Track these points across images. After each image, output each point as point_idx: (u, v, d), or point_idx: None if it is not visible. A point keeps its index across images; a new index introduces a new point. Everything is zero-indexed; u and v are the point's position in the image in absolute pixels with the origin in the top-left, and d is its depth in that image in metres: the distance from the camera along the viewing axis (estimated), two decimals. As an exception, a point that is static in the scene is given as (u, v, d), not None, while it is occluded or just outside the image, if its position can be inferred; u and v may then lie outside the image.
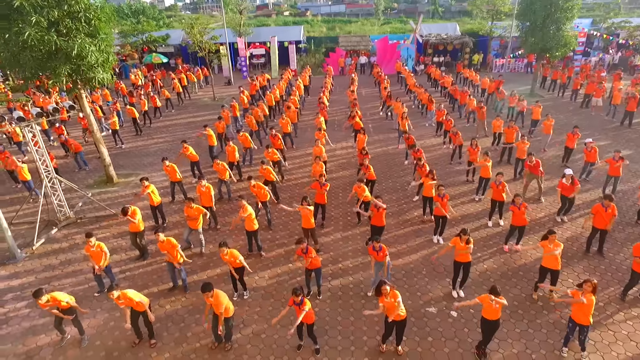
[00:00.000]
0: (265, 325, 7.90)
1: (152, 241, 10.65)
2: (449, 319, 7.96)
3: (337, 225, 11.32)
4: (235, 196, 13.00)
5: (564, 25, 21.23)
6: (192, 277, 9.30)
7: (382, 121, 20.26)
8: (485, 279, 9.03)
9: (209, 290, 6.65)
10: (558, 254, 7.71)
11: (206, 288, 6.65)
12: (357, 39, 35.22)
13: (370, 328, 7.79)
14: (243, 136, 14.08)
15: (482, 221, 11.21)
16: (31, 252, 10.38)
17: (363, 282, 9.04)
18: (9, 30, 10.44)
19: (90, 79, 11.98)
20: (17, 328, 7.98)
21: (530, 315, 7.96)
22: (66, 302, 7.14)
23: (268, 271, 9.48)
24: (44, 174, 11.10)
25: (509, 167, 14.22)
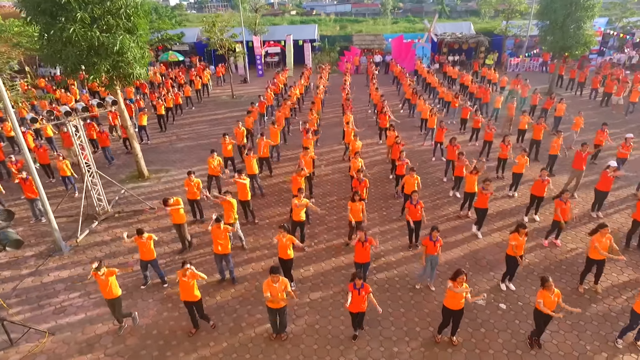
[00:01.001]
0: (317, 317, 8.03)
1: (194, 235, 10.82)
2: (498, 311, 8.07)
3: (374, 220, 11.43)
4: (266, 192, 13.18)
5: (584, 24, 21.27)
6: (238, 270, 9.42)
7: (404, 119, 20.34)
8: (529, 272, 9.13)
9: (278, 272, 6.76)
10: (609, 245, 7.81)
11: (276, 270, 6.77)
12: (371, 38, 35.33)
13: (422, 319, 7.91)
14: (276, 130, 14.21)
15: (519, 217, 11.29)
16: (75, 244, 10.54)
17: (408, 274, 9.16)
18: (54, 26, 10.59)
19: (129, 74, 12.13)
20: (74, 317, 8.13)
21: (578, 306, 8.03)
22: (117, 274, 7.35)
23: (312, 265, 9.60)
24: (85, 167, 11.25)
25: (538, 165, 14.29)
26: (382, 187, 13.37)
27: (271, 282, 6.77)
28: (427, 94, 24.35)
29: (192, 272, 7.08)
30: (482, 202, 9.83)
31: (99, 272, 7.08)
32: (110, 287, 7.27)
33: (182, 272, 7.03)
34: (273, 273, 6.70)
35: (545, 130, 14.24)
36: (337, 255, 9.96)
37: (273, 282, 6.76)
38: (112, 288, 7.30)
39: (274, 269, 6.76)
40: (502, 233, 10.64)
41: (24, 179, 11.02)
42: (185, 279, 7.04)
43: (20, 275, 9.43)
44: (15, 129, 9.09)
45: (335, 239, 10.61)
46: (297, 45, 32.92)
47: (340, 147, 16.79)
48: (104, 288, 7.26)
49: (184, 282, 7.08)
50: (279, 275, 6.78)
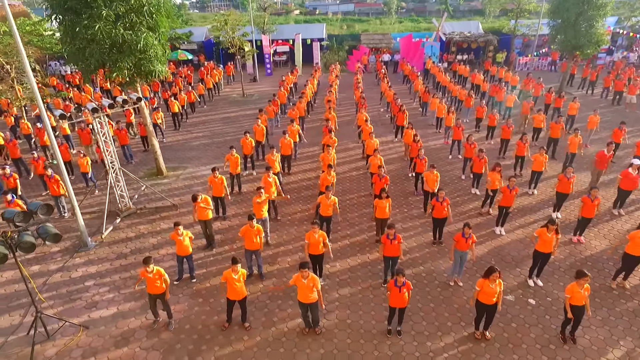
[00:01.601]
0: (347, 311, 8.08)
1: (217, 232, 10.88)
2: (528, 306, 8.12)
3: (395, 216, 11.47)
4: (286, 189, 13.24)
5: (596, 22, 21.27)
6: (265, 266, 9.47)
7: (416, 117, 20.39)
8: (554, 268, 9.17)
9: (307, 267, 6.82)
10: None
11: (305, 265, 6.83)
12: (379, 37, 35.37)
13: (452, 314, 7.96)
14: (296, 129, 14.27)
15: (540, 214, 11.34)
16: (101, 240, 10.61)
17: (435, 270, 9.21)
18: (79, 24, 10.66)
19: (150, 71, 12.20)
20: (106, 312, 8.19)
21: (608, 303, 8.10)
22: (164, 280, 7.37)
23: (339, 261, 9.65)
24: (109, 164, 11.32)
25: (555, 163, 14.35)
26: (401, 184, 13.42)
27: (300, 277, 6.83)
28: (439, 93, 24.39)
29: (243, 272, 7.15)
30: (507, 200, 9.86)
31: (147, 270, 7.12)
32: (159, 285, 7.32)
33: (231, 270, 7.07)
34: (302, 268, 6.77)
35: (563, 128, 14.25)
36: (362, 251, 10.02)
37: (302, 277, 6.81)
38: (160, 284, 7.34)
39: (303, 264, 6.82)
40: (524, 230, 10.69)
41: (49, 176, 11.08)
42: (235, 276, 7.09)
43: (48, 270, 9.50)
44: (48, 131, 9.19)
45: (358, 235, 10.67)
46: (305, 44, 32.98)
47: (354, 145, 16.86)
48: (152, 284, 7.30)
49: (234, 280, 7.12)
50: (309, 271, 6.83)
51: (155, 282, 7.27)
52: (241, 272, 7.16)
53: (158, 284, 7.31)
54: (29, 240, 6.54)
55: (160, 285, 7.33)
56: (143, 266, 7.17)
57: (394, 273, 8.59)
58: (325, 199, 9.47)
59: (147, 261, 7.09)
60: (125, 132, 15.15)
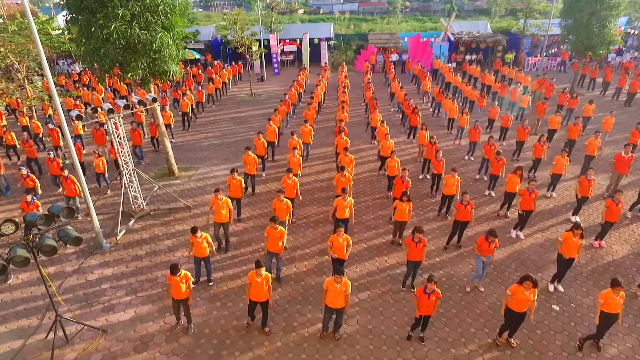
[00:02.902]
0: (369, 317, 7.97)
1: (232, 234, 10.78)
2: (552, 312, 7.98)
3: (411, 220, 11.29)
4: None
5: (609, 23, 21.04)
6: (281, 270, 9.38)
7: (427, 118, 20.21)
8: (577, 273, 9.03)
9: (342, 273, 6.73)
10: None
11: (340, 271, 6.74)
12: (387, 37, 35.17)
13: (475, 320, 7.84)
14: (309, 130, 14.15)
15: (559, 218, 11.19)
16: (115, 241, 10.53)
17: (455, 275, 9.08)
18: (95, 23, 10.57)
19: (165, 71, 12.11)
20: (124, 315, 8.11)
21: (634, 310, 7.97)
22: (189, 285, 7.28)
23: (356, 264, 9.54)
24: (123, 165, 11.24)
25: (569, 165, 14.16)
26: (415, 186, 13.25)
27: (333, 281, 6.73)
28: (449, 93, 24.20)
29: (267, 275, 7.05)
30: (527, 203, 9.72)
31: (174, 276, 7.03)
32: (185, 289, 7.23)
33: (255, 273, 6.98)
34: (338, 274, 6.69)
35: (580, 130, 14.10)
36: (380, 254, 9.90)
37: (335, 282, 6.72)
38: (185, 289, 7.25)
39: (338, 270, 6.77)
40: (543, 233, 10.55)
41: (65, 177, 11.01)
42: (259, 279, 6.99)
43: (64, 272, 9.43)
44: (64, 132, 9.12)
45: (375, 238, 10.56)
46: (312, 44, 32.83)
47: (366, 146, 16.73)
48: (176, 289, 7.20)
49: (257, 283, 7.03)
50: (342, 277, 6.73)
51: (181, 286, 7.17)
52: (265, 275, 7.05)
53: (184, 288, 7.21)
54: (51, 244, 6.47)
55: (185, 290, 7.23)
56: (169, 274, 7.05)
57: (415, 278, 8.58)
58: (342, 200, 9.34)
59: (174, 271, 6.95)
60: (140, 132, 15.06)
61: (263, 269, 6.98)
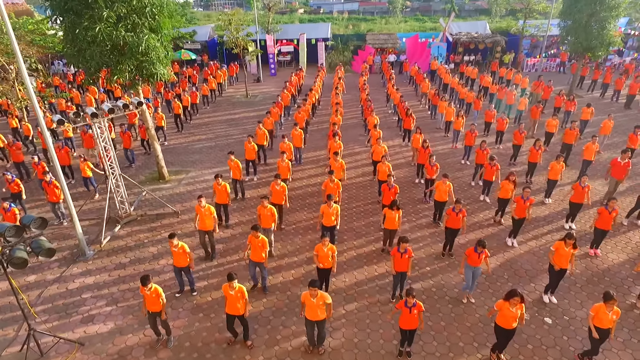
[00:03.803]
0: (355, 330, 7.72)
1: (218, 241, 10.55)
2: (544, 326, 7.73)
3: (403, 226, 11.06)
4: (291, 195, 12.89)
5: (608, 24, 20.76)
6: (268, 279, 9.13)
7: (424, 120, 19.97)
8: (570, 284, 8.77)
9: (316, 286, 6.46)
10: None
11: (314, 283, 6.48)
12: (385, 37, 34.89)
13: (464, 333, 7.59)
14: (299, 133, 13.88)
15: (554, 225, 10.92)
16: (99, 248, 10.30)
17: (445, 285, 8.83)
18: (80, 25, 10.34)
19: (152, 74, 11.87)
20: (103, 327, 7.88)
21: (629, 324, 7.70)
22: (162, 300, 7.03)
23: (345, 274, 9.29)
24: (109, 170, 11.01)
25: (567, 170, 13.90)
26: (409, 191, 13.02)
27: (309, 295, 6.48)
28: (447, 95, 23.93)
29: (240, 287, 6.80)
30: (520, 211, 9.45)
31: (145, 288, 6.79)
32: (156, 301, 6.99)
33: (228, 286, 6.74)
34: (312, 286, 6.41)
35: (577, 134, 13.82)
36: (369, 263, 9.65)
37: (311, 295, 6.47)
38: (158, 301, 7.01)
39: (312, 282, 6.48)
40: (538, 241, 10.28)
41: (47, 182, 10.77)
42: (232, 292, 6.75)
43: (45, 281, 9.20)
44: (44, 130, 8.87)
45: (365, 246, 10.30)
46: (309, 44, 32.57)
47: (361, 150, 16.48)
48: (149, 302, 6.97)
49: (231, 296, 6.78)
50: (317, 289, 6.47)
51: (153, 300, 6.93)
52: (238, 287, 6.79)
53: (155, 301, 6.97)
54: (21, 256, 6.23)
55: (157, 303, 6.99)
56: (140, 285, 6.82)
57: (402, 288, 8.33)
58: (328, 207, 9.08)
59: (144, 280, 6.73)
60: (129, 135, 14.82)
61: (235, 282, 6.72)
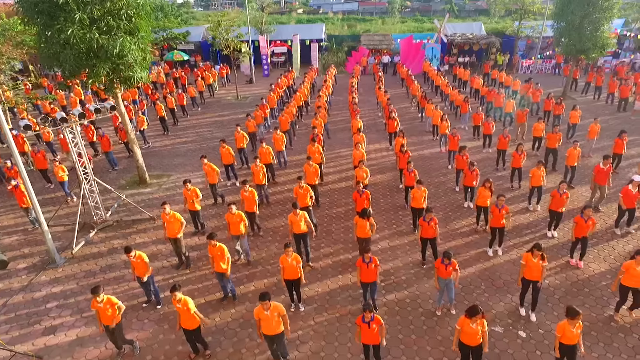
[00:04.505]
0: (322, 343, 7.50)
1: (194, 247, 10.36)
2: (517, 339, 7.48)
3: (383, 234, 10.86)
4: (272, 200, 12.68)
5: (602, 25, 20.50)
6: (239, 288, 8.93)
7: (413, 122, 19.75)
8: (549, 295, 8.53)
9: (267, 298, 6.22)
10: None
11: (265, 296, 6.23)
12: (380, 38, 34.66)
13: (435, 348, 7.35)
14: (280, 136, 13.65)
15: (538, 233, 10.67)
16: (70, 256, 10.10)
17: (420, 296, 8.59)
18: (51, 27, 10.14)
19: (129, 77, 11.67)
20: (64, 338, 7.68)
21: (605, 337, 7.45)
22: (118, 308, 6.82)
23: (317, 283, 9.07)
24: (82, 175, 10.80)
25: (554, 174, 13.68)
26: (392, 197, 12.79)
27: (262, 309, 6.26)
28: (438, 96, 23.72)
29: (185, 299, 6.57)
30: (497, 220, 9.20)
31: (97, 300, 6.58)
32: (111, 314, 6.77)
33: (173, 300, 6.52)
34: (262, 300, 6.19)
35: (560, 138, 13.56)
36: (344, 272, 9.43)
37: (264, 309, 6.24)
38: (112, 315, 6.80)
39: (263, 295, 6.24)
40: (519, 250, 10.02)
41: (14, 186, 10.56)
42: (179, 305, 6.53)
43: (11, 289, 9.00)
44: (6, 133, 8.65)
45: (342, 254, 10.08)
46: (303, 45, 32.36)
47: (347, 153, 16.24)
48: (103, 315, 6.75)
49: (179, 309, 6.57)
50: (269, 302, 6.25)
51: (107, 311, 6.72)
52: (184, 300, 6.56)
53: (109, 312, 6.76)
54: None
55: (112, 314, 6.78)
56: (92, 296, 6.61)
57: (374, 300, 8.10)
58: (294, 216, 8.85)
59: (95, 291, 6.52)
60: (108, 138, 14.62)
61: (178, 293, 6.48)
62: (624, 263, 7.37)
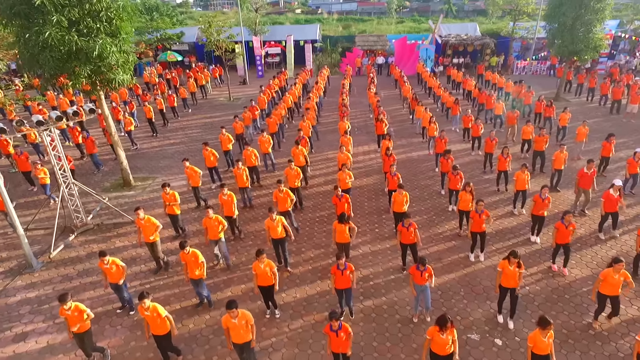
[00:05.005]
0: (295, 350, 7.40)
1: (174, 251, 10.26)
2: (493, 348, 7.38)
3: (365, 238, 10.75)
4: (255, 203, 12.58)
5: (594, 27, 20.39)
6: (216, 294, 8.82)
7: (404, 124, 19.65)
8: (528, 302, 8.42)
9: (234, 307, 6.10)
10: (622, 281, 7.09)
11: (232, 304, 6.11)
12: (374, 39, 34.53)
13: (409, 356, 7.24)
14: (267, 139, 13.54)
15: (521, 238, 10.56)
16: (48, 260, 10.00)
17: (397, 302, 8.49)
18: (29, 29, 10.04)
19: (110, 80, 11.57)
20: (34, 345, 7.58)
21: (582, 345, 7.34)
22: (87, 315, 6.72)
23: (295, 288, 8.96)
24: (61, 178, 10.70)
25: (541, 177, 13.58)
26: (377, 200, 12.68)
27: (229, 317, 6.15)
28: (430, 98, 23.62)
29: (154, 306, 6.46)
30: (477, 225, 9.09)
31: (64, 307, 6.48)
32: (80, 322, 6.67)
33: (141, 307, 6.42)
34: (229, 308, 6.08)
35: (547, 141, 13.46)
36: (324, 277, 9.31)
37: (231, 317, 6.14)
38: (82, 321, 6.70)
39: (230, 303, 6.12)
40: (501, 255, 9.89)
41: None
42: (147, 313, 6.43)
43: (-14, 295, 8.91)
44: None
45: (323, 259, 9.96)
46: (298, 46, 32.24)
47: (334, 155, 16.12)
48: (72, 322, 6.65)
49: (148, 317, 6.47)
50: (237, 310, 6.14)
51: (75, 319, 6.62)
52: (152, 307, 6.46)
53: (78, 320, 6.66)
54: None
55: (80, 321, 6.68)
56: (60, 304, 6.51)
57: (350, 307, 7.99)
58: (271, 221, 8.74)
59: (63, 299, 6.42)
60: (92, 140, 14.53)
61: (147, 300, 6.38)
62: (602, 271, 7.26)
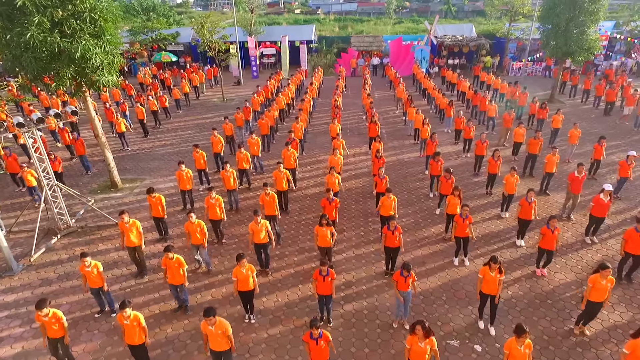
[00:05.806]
0: (273, 356, 7.31)
1: (155, 254, 10.18)
2: (472, 354, 7.29)
3: (350, 242, 10.66)
4: (243, 206, 12.49)
5: (588, 28, 20.30)
6: (196, 297, 8.75)
7: (397, 126, 19.56)
8: (510, 307, 8.34)
9: (211, 314, 6.01)
10: (610, 288, 7.00)
11: (209, 312, 6.01)
12: (370, 39, 34.44)
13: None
14: (256, 141, 13.45)
15: (507, 242, 10.48)
16: (29, 263, 9.92)
17: (378, 307, 8.40)
18: (11, 30, 9.95)
19: (95, 81, 11.48)
20: (9, 350, 7.49)
21: (562, 352, 7.25)
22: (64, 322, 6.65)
23: (277, 292, 8.88)
24: (44, 180, 10.62)
25: (532, 180, 13.49)
26: (364, 203, 12.59)
27: (206, 324, 6.08)
28: (425, 99, 23.53)
29: (135, 315, 6.37)
30: (461, 230, 9.00)
31: (41, 314, 6.40)
32: (57, 327, 6.60)
33: (121, 316, 6.32)
34: (207, 316, 5.99)
35: (542, 144, 13.37)
36: (306, 281, 9.22)
37: (209, 324, 6.06)
38: (58, 328, 6.63)
39: (207, 310, 6.03)
40: (486, 259, 9.78)
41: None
42: (127, 322, 6.33)
43: (-36, 298, 8.82)
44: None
45: (306, 263, 9.87)
46: (293, 47, 32.16)
47: (325, 158, 16.03)
48: (49, 328, 6.58)
49: (127, 326, 6.37)
50: (214, 318, 6.06)
51: (52, 325, 6.54)
52: (133, 316, 6.37)
53: (56, 327, 6.59)
54: None
55: (58, 328, 6.61)
56: (36, 310, 6.42)
57: (329, 312, 7.91)
58: (255, 224, 8.65)
59: (40, 305, 6.34)
60: (82, 141, 14.44)
61: (128, 310, 6.29)
62: (590, 277, 7.16)
